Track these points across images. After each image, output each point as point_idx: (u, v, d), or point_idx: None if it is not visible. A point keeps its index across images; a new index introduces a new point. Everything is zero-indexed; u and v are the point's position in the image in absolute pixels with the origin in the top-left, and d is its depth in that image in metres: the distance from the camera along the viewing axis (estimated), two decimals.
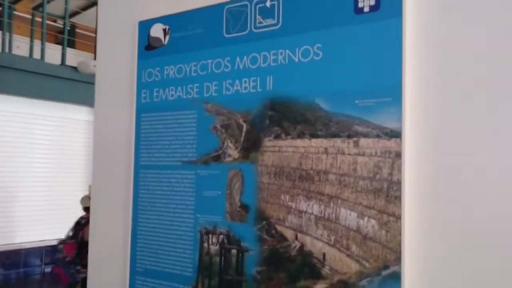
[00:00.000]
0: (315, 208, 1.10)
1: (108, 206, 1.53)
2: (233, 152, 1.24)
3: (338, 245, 1.06)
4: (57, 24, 6.96)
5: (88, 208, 2.25)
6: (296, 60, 1.15)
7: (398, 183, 0.99)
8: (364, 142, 1.04)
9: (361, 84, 1.05)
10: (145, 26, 1.45)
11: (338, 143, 1.07)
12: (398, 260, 0.97)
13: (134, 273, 1.42)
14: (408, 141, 0.98)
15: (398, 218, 0.98)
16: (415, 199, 0.98)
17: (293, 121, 1.15)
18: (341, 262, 1.05)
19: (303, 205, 1.12)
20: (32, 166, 5.61)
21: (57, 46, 6.36)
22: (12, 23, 5.65)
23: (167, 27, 1.40)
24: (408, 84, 0.99)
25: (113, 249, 1.48)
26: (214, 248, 1.26)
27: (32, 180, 5.60)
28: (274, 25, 1.20)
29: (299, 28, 1.15)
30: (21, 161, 5.50)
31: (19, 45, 5.79)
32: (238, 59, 1.25)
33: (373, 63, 1.04)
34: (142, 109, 1.44)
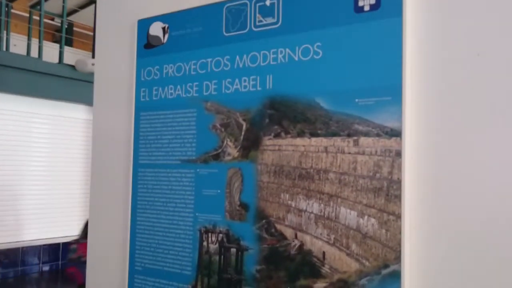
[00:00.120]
0: (315, 207, 1.10)
1: (107, 204, 1.53)
2: (232, 151, 1.24)
3: (338, 244, 1.06)
4: (55, 22, 6.93)
5: None
6: (296, 59, 1.15)
7: (398, 182, 0.99)
8: (364, 141, 1.04)
9: (361, 83, 1.05)
10: (144, 24, 1.44)
11: (338, 142, 1.07)
12: (398, 259, 0.97)
13: (133, 272, 1.41)
14: (408, 140, 0.98)
15: (398, 217, 0.98)
16: (415, 198, 0.98)
17: (293, 120, 1.14)
18: (341, 261, 1.05)
19: (302, 204, 1.12)
20: (30, 164, 5.60)
21: (54, 44, 6.34)
22: (9, 21, 5.63)
23: (166, 25, 1.40)
24: (409, 83, 0.99)
25: (112, 248, 1.48)
26: (213, 247, 1.26)
27: (29, 179, 5.58)
28: (274, 23, 1.19)
29: (299, 27, 1.15)
30: (18, 159, 5.48)
31: (16, 44, 5.77)
32: (237, 57, 1.25)
33: (373, 62, 1.03)
34: (141, 107, 1.44)
